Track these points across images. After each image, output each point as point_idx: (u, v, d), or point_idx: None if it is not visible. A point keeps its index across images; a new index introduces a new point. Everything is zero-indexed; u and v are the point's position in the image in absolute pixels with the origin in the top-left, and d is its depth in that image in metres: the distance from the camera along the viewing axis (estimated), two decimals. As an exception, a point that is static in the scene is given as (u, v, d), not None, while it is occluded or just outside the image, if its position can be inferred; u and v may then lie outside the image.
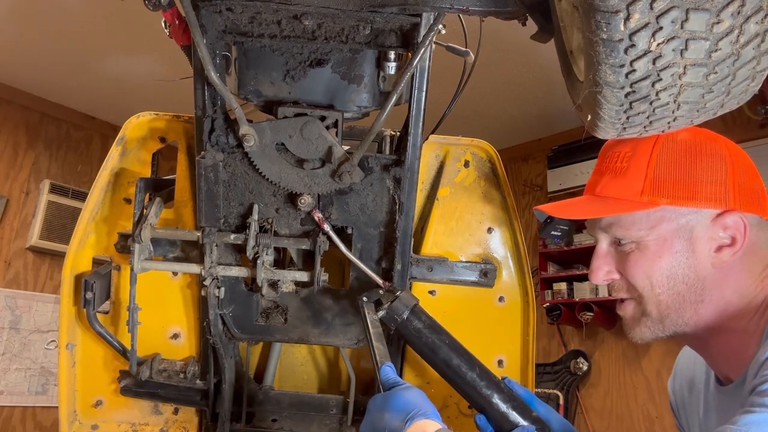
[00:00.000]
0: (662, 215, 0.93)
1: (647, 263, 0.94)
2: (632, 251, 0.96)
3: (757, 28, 0.63)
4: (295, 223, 1.19)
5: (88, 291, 1.22)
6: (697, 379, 1.11)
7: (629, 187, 0.95)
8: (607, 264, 1.00)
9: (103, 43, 3.62)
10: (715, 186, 0.92)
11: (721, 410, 0.99)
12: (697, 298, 0.93)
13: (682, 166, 0.93)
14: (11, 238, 4.25)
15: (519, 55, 3.50)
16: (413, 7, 0.92)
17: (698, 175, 0.93)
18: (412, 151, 1.13)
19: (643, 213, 0.94)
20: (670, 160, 0.94)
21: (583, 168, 4.20)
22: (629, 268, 0.96)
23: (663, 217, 0.94)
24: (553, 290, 4.30)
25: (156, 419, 1.36)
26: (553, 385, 4.20)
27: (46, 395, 4.21)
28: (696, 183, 0.92)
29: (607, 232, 0.99)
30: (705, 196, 0.92)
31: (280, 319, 1.25)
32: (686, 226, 0.93)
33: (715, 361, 1.00)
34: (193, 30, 0.94)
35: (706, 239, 0.93)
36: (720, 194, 0.92)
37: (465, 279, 1.30)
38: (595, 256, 1.02)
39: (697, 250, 0.93)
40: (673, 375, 1.22)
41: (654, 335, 0.97)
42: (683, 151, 0.94)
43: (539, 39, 0.98)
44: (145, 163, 1.33)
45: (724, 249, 0.92)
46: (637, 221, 0.95)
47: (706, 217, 0.93)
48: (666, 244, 0.93)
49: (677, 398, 1.19)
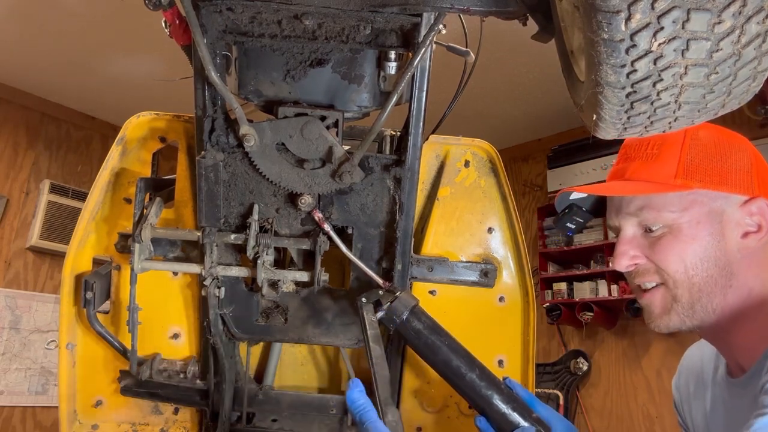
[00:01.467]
0: (694, 198, 0.96)
1: (681, 246, 0.95)
2: (664, 235, 0.96)
3: (759, 29, 0.63)
4: (296, 223, 1.19)
5: (88, 291, 1.22)
6: (705, 373, 1.11)
7: (662, 170, 0.97)
8: (633, 249, 0.99)
9: (103, 43, 3.63)
10: (742, 174, 0.96)
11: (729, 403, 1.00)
12: (726, 282, 0.94)
13: (712, 154, 0.97)
14: (11, 238, 4.25)
15: (519, 55, 3.51)
16: (414, 7, 0.92)
17: (727, 163, 0.96)
18: (412, 151, 1.12)
19: (676, 195, 0.96)
20: (701, 149, 0.97)
21: (583, 168, 4.20)
22: (660, 251, 0.96)
23: (695, 200, 0.96)
24: (553, 290, 4.31)
25: (156, 419, 1.36)
26: (553, 385, 4.20)
27: (46, 395, 4.21)
28: (725, 169, 0.96)
29: (637, 216, 0.99)
30: (734, 182, 0.95)
31: (280, 319, 1.25)
32: (717, 210, 0.95)
33: (732, 352, 1.00)
34: (194, 30, 0.94)
35: (734, 224, 0.95)
36: (747, 182, 0.96)
37: (465, 279, 1.30)
38: (619, 241, 1.01)
39: (727, 235, 0.95)
40: (677, 374, 1.22)
41: (681, 323, 0.97)
42: (712, 143, 0.98)
43: (540, 39, 0.98)
44: (145, 163, 1.32)
45: (750, 235, 0.95)
46: (669, 203, 0.96)
47: (735, 202, 0.96)
48: (699, 226, 0.95)
49: (681, 394, 1.19)
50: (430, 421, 1.34)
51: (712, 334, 1.01)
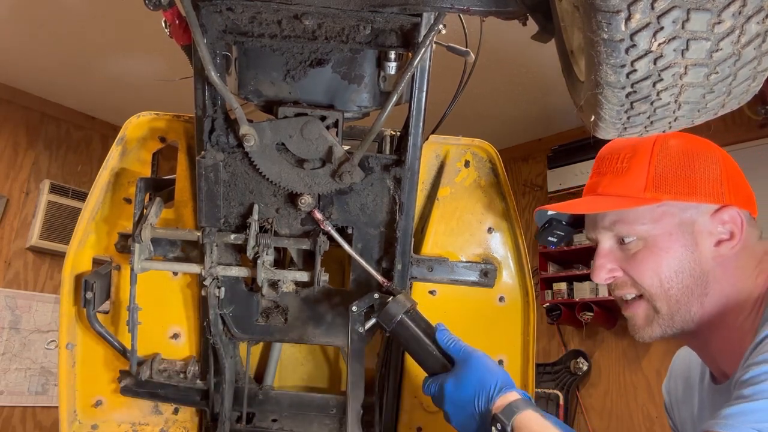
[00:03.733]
0: (665, 210, 0.96)
1: (655, 259, 0.95)
2: (639, 250, 0.97)
3: (758, 29, 0.63)
4: (296, 223, 1.18)
5: (88, 291, 1.22)
6: (692, 377, 1.12)
7: (632, 184, 0.97)
8: (610, 262, 1.00)
9: (103, 43, 3.62)
10: (712, 183, 0.96)
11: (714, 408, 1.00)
12: (702, 291, 0.95)
13: (681, 165, 0.97)
14: (11, 238, 4.25)
15: (519, 55, 3.50)
16: (414, 7, 0.92)
17: (696, 173, 0.96)
18: (412, 151, 1.12)
19: (647, 208, 0.96)
20: (670, 160, 0.97)
21: (583, 168, 4.21)
22: (636, 266, 0.97)
23: (666, 212, 0.96)
24: (553, 290, 4.30)
25: (156, 419, 1.36)
26: (553, 385, 4.20)
27: (46, 395, 4.21)
28: (695, 180, 0.96)
29: (611, 230, 1.00)
30: (704, 192, 0.95)
31: (280, 319, 1.25)
32: (688, 221, 0.96)
33: (714, 359, 1.01)
34: (194, 30, 0.94)
35: (706, 233, 0.95)
36: (717, 191, 0.95)
37: (465, 279, 1.30)
38: (597, 255, 1.02)
39: (700, 244, 0.95)
40: (668, 376, 1.23)
41: (663, 333, 0.98)
42: (680, 153, 0.98)
43: (540, 39, 0.98)
44: (145, 162, 1.32)
45: (723, 243, 0.95)
46: (641, 217, 0.96)
47: (706, 212, 0.96)
48: (671, 238, 0.95)
49: (671, 397, 1.20)
50: (430, 421, 1.34)
51: (695, 341, 1.03)
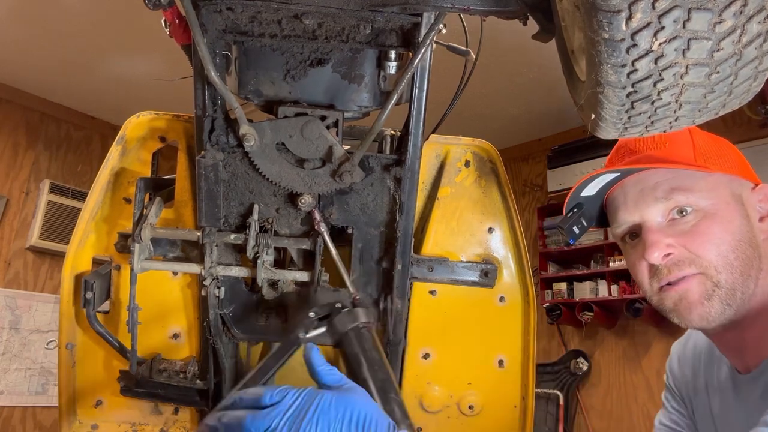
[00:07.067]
0: (717, 180, 0.95)
1: (719, 229, 0.91)
2: (698, 221, 0.93)
3: (760, 28, 0.63)
4: (296, 223, 1.18)
5: (88, 291, 1.21)
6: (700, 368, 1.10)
7: (680, 152, 0.97)
8: (666, 237, 0.93)
9: (103, 43, 3.63)
10: (743, 165, 0.99)
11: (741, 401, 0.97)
12: (758, 264, 0.92)
13: (714, 144, 1.00)
14: (11, 238, 4.26)
15: (519, 55, 3.50)
16: (414, 7, 0.92)
17: (727, 153, 0.99)
18: (412, 151, 1.12)
19: (701, 175, 0.95)
20: (705, 138, 1.00)
21: (583, 168, 4.21)
22: (697, 238, 0.92)
23: (718, 181, 0.95)
24: (553, 290, 4.31)
25: (156, 419, 1.36)
26: (553, 385, 4.20)
27: (46, 395, 4.21)
28: (729, 158, 0.99)
29: (667, 199, 0.94)
30: (741, 170, 0.98)
31: (280, 319, 1.25)
32: (737, 193, 0.95)
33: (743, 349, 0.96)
34: (194, 29, 0.94)
35: (752, 208, 0.96)
36: (748, 171, 0.98)
37: (466, 279, 1.30)
38: (648, 231, 0.95)
39: (750, 217, 0.95)
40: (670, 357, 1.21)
41: (722, 310, 0.90)
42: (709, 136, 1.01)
43: (540, 39, 0.97)
44: (145, 162, 1.32)
45: (765, 219, 0.96)
46: (698, 185, 0.94)
47: (747, 187, 0.97)
48: (730, 208, 0.93)
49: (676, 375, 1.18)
50: (430, 421, 1.34)
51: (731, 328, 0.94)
